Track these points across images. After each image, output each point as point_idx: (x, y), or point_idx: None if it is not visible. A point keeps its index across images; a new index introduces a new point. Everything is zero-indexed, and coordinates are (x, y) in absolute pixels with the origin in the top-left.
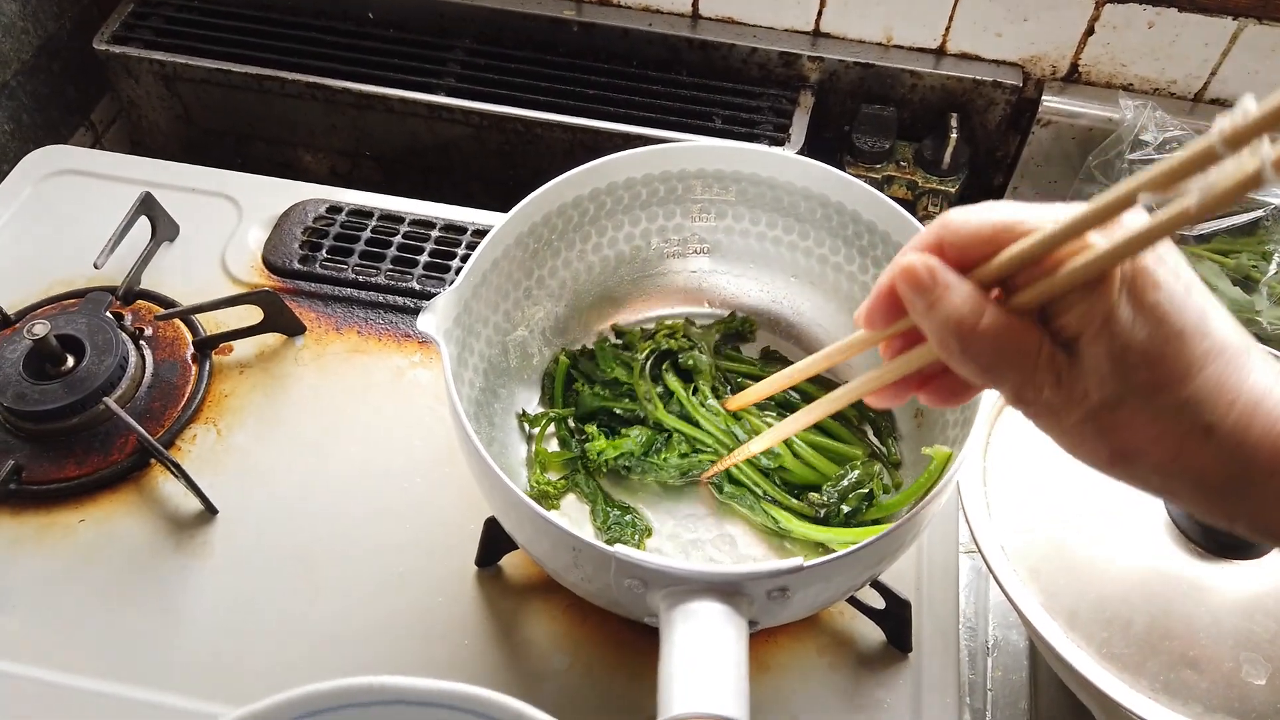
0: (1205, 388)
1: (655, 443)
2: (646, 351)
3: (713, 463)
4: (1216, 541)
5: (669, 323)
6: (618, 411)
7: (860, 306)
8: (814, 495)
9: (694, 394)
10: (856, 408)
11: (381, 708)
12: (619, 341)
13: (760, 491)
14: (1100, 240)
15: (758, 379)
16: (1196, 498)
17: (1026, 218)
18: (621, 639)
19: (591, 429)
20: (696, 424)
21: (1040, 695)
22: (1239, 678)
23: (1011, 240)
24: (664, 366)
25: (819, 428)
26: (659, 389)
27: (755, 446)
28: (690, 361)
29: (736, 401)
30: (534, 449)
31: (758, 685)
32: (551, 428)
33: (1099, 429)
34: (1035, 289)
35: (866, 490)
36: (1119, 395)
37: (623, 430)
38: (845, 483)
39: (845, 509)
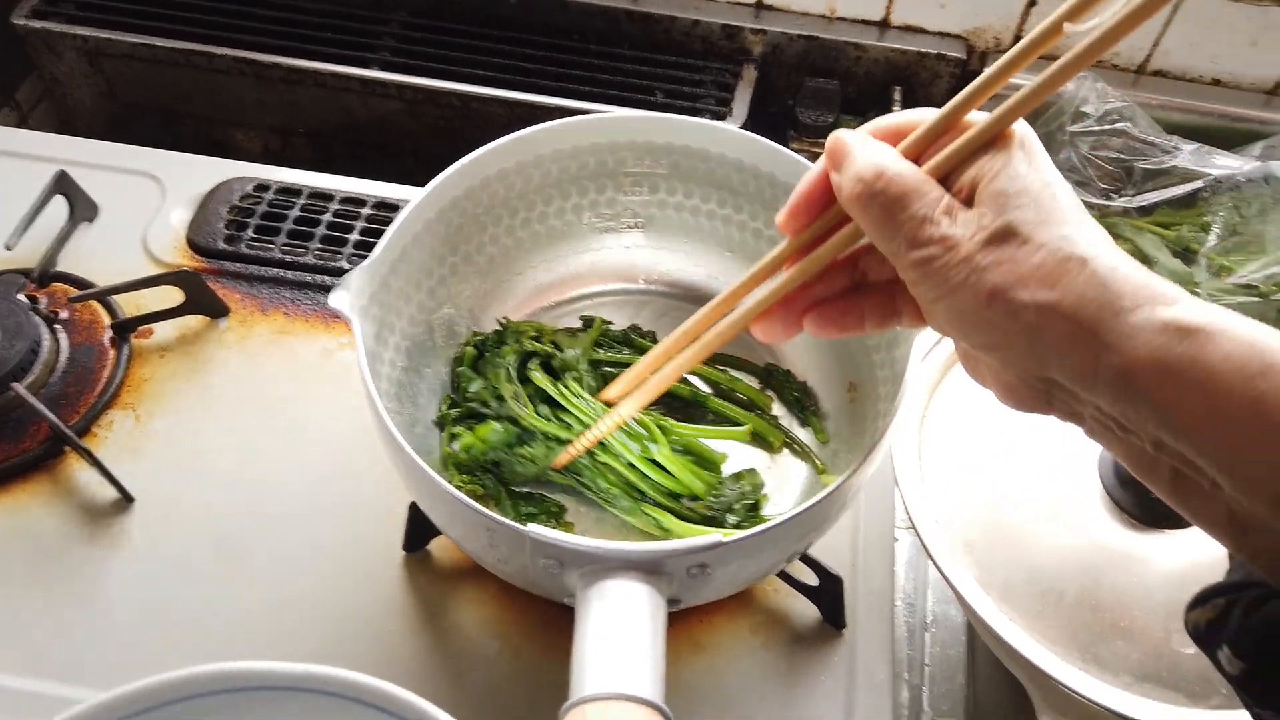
0: (1081, 231)
1: (517, 436)
2: (510, 355)
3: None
4: (1150, 512)
5: (535, 323)
6: (487, 413)
7: (782, 210)
8: (697, 504)
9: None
10: (778, 391)
11: (245, 694)
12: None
13: (637, 493)
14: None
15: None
16: (1065, 334)
17: (926, 114)
18: (548, 621)
19: (460, 430)
20: (566, 423)
21: (978, 671)
22: (1169, 647)
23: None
24: (531, 365)
25: (721, 417)
26: (529, 389)
27: (621, 412)
28: (559, 362)
29: (614, 390)
30: (441, 451)
31: (690, 665)
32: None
33: (985, 265)
34: (942, 155)
35: (753, 503)
36: (1007, 228)
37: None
38: (730, 493)
39: (731, 519)
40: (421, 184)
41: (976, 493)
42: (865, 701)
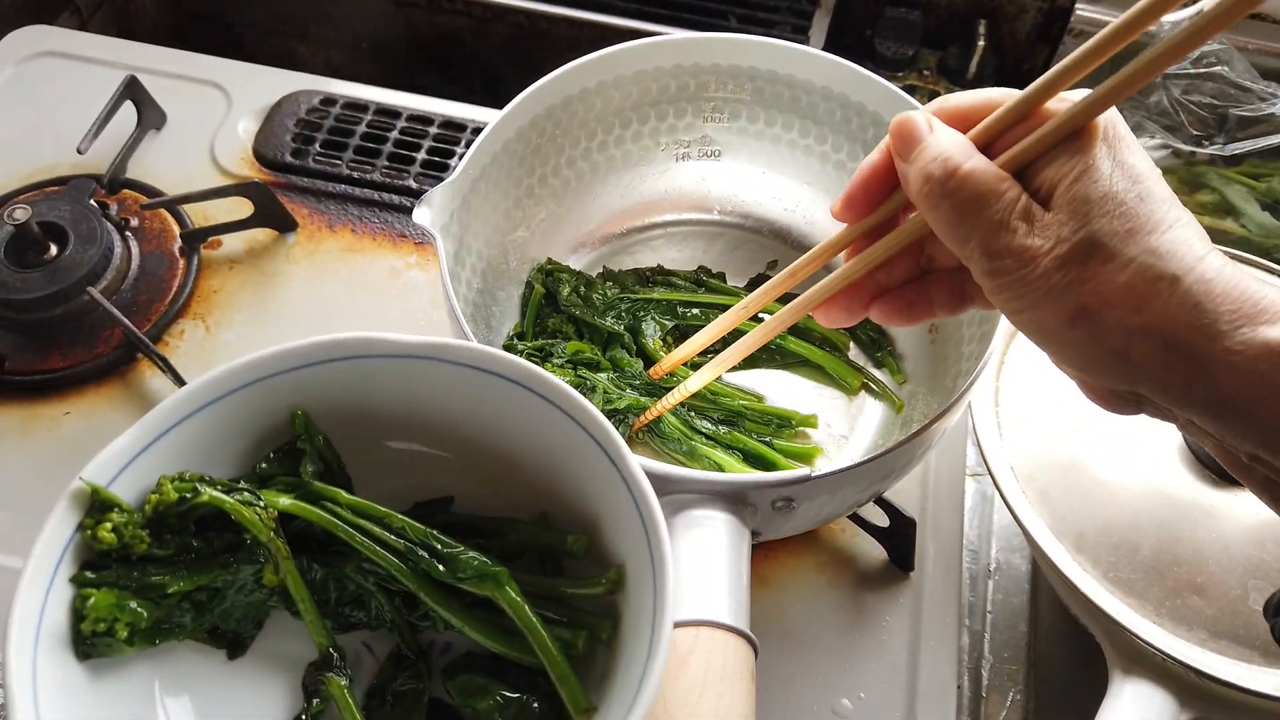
0: (1174, 241)
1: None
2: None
3: (639, 413)
4: None
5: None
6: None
7: (839, 197)
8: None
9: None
10: (853, 331)
11: (375, 361)
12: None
13: (707, 431)
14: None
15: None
16: (1156, 358)
17: (998, 96)
18: None
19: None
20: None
21: (1040, 620)
22: (1245, 605)
23: (989, 111)
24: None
25: (798, 357)
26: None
27: (692, 384)
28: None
29: (666, 363)
30: None
31: (755, 599)
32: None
33: (1066, 283)
34: (1018, 147)
35: None
36: (1090, 241)
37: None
38: None
39: None
40: (484, 105)
41: (1053, 442)
42: (930, 644)
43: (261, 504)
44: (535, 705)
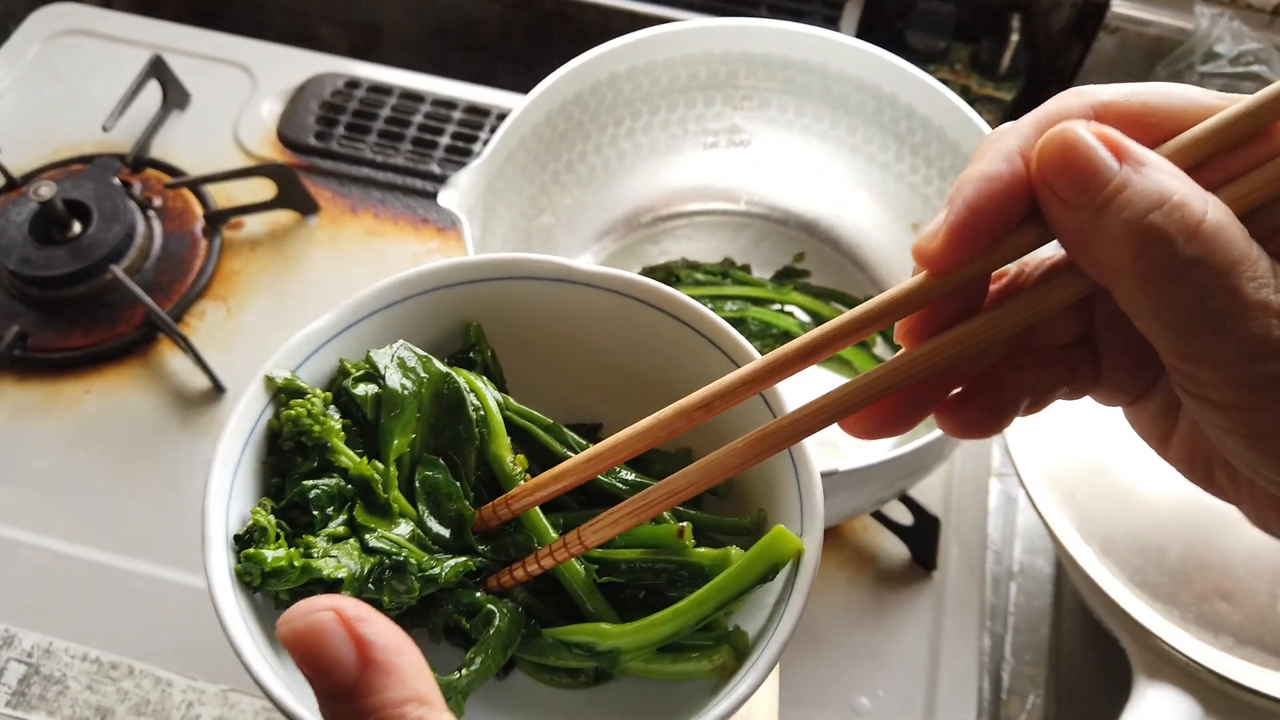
0: None
1: None
2: None
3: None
4: None
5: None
6: None
7: (926, 232)
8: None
9: None
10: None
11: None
12: None
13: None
14: None
15: (764, 303)
16: None
17: (1195, 96)
18: None
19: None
20: None
21: (1063, 623)
22: (1273, 611)
23: (1181, 122)
24: None
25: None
26: None
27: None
28: None
29: (519, 502)
30: None
31: None
32: None
33: None
34: (1249, 184)
35: None
36: None
37: None
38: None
39: None
40: (509, 90)
41: (1080, 445)
42: (950, 645)
43: None
44: None
